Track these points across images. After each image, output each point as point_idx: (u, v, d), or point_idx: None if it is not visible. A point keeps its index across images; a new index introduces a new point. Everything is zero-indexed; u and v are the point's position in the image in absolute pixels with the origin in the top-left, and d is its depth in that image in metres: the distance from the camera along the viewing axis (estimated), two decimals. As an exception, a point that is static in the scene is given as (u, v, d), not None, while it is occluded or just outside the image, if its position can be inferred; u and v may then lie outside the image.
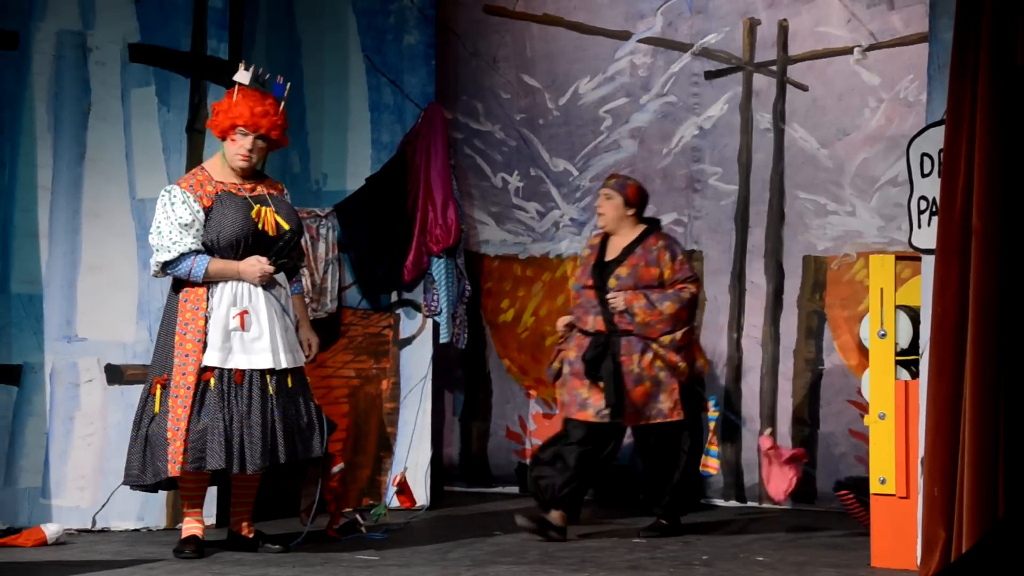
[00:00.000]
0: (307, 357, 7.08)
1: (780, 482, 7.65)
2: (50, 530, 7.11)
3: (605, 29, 9.03)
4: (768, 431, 8.01)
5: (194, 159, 7.64)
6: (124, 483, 6.94)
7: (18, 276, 7.45)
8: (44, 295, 7.47)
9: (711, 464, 7.58)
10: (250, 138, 6.85)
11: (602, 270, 7.46)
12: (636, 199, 7.53)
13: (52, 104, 7.49)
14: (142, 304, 7.56)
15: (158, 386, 6.78)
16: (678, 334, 7.38)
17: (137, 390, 7.30)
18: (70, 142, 7.52)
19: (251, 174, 6.96)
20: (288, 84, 7.00)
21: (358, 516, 7.47)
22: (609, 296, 7.36)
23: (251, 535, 6.98)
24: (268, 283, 6.84)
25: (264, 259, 6.80)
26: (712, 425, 7.58)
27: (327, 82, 8.46)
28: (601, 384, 7.34)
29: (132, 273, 7.55)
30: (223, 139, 6.91)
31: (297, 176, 8.32)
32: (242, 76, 6.86)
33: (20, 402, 7.42)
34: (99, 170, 7.55)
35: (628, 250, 7.47)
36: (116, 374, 7.52)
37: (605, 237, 7.59)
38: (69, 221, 7.51)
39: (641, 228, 7.53)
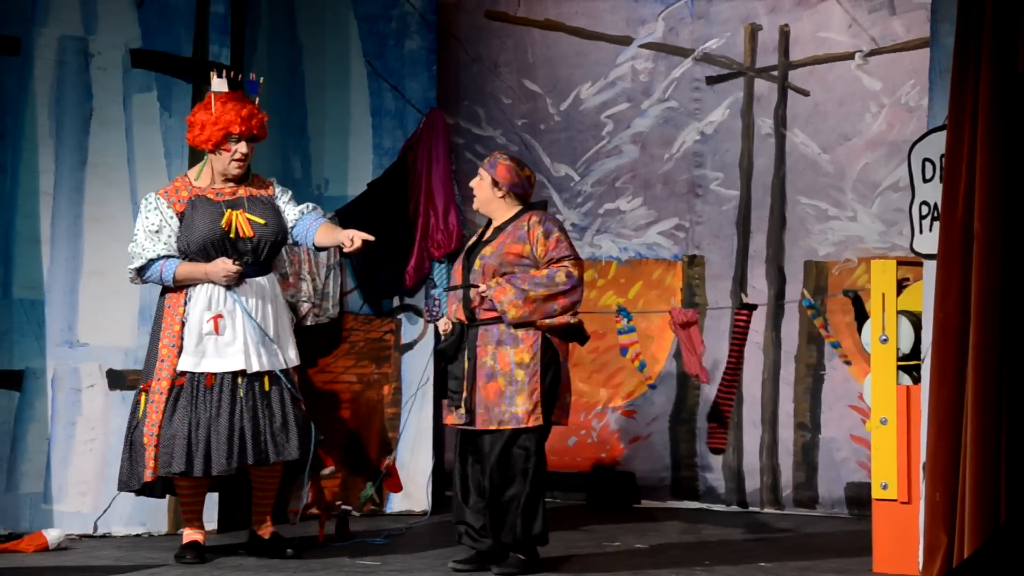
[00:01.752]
0: (351, 243, 6.79)
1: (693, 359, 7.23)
2: (51, 535, 7.12)
3: (606, 34, 9.03)
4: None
5: (195, 164, 7.63)
6: (118, 488, 6.95)
7: (20, 281, 7.45)
8: (46, 300, 7.48)
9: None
10: (243, 142, 6.87)
11: (471, 253, 6.71)
12: (506, 180, 6.66)
13: (54, 109, 7.50)
14: (143, 309, 7.56)
15: (143, 392, 6.81)
16: (554, 319, 6.51)
17: (138, 395, 7.38)
18: (72, 147, 7.52)
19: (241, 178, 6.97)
20: (262, 79, 7.01)
21: (346, 507, 7.45)
22: (481, 290, 6.54)
23: (267, 536, 6.97)
24: (238, 283, 6.82)
25: (229, 260, 6.80)
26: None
27: (328, 87, 8.46)
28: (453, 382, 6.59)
29: (134, 278, 7.56)
30: (213, 151, 6.90)
31: (298, 181, 8.32)
32: (219, 84, 6.87)
33: (22, 407, 7.42)
34: (101, 175, 7.56)
35: (499, 229, 6.67)
36: (118, 379, 7.53)
37: (489, 223, 6.81)
38: (71, 226, 7.52)
39: (518, 208, 6.73)
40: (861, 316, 7.26)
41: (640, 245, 8.93)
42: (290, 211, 7.00)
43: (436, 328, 6.93)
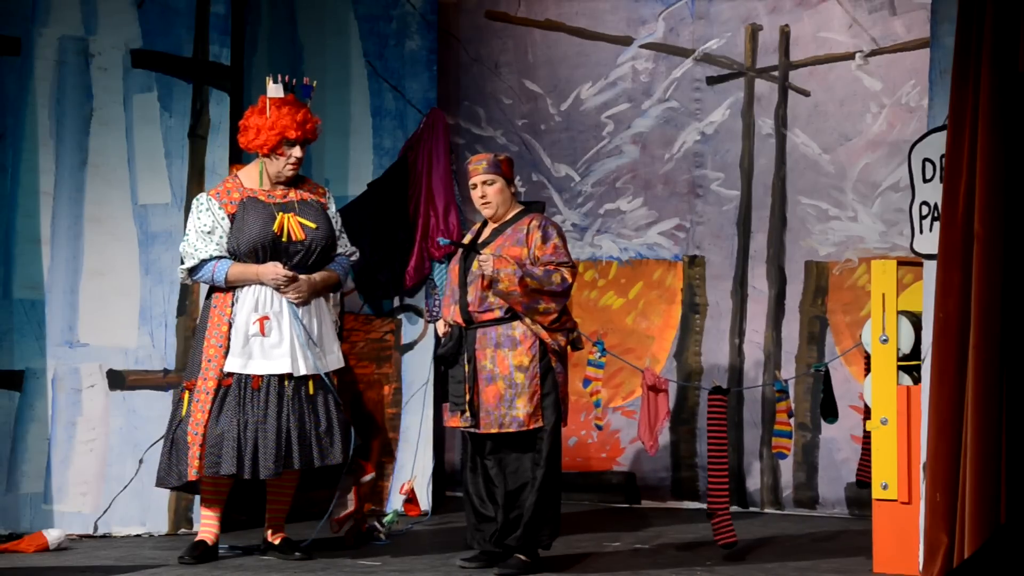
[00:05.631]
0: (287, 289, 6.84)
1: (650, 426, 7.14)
2: (52, 536, 7.12)
3: (607, 35, 9.03)
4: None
5: (196, 164, 7.66)
6: (156, 484, 6.96)
7: (20, 281, 7.46)
8: (46, 300, 7.48)
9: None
10: (297, 147, 6.90)
11: (468, 253, 6.70)
12: (512, 173, 6.81)
13: (54, 109, 7.50)
14: (144, 309, 7.56)
15: (187, 391, 6.85)
16: (541, 329, 6.55)
17: (139, 395, 7.42)
18: (72, 147, 7.53)
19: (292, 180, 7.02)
20: (315, 82, 7.08)
21: (375, 523, 7.47)
22: (483, 258, 6.52)
23: (277, 542, 6.97)
24: (287, 286, 6.84)
25: (281, 265, 6.82)
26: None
27: (329, 88, 8.45)
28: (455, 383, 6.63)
29: (134, 278, 7.55)
30: (268, 155, 6.93)
31: (299, 181, 8.33)
32: (275, 90, 6.92)
33: (22, 407, 7.43)
34: (101, 175, 7.56)
35: (498, 231, 6.72)
36: (118, 379, 7.53)
37: (484, 224, 6.87)
38: (71, 226, 7.52)
39: (518, 208, 6.79)
40: (828, 398, 7.27)
41: (641, 245, 8.93)
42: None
43: (435, 329, 6.94)
